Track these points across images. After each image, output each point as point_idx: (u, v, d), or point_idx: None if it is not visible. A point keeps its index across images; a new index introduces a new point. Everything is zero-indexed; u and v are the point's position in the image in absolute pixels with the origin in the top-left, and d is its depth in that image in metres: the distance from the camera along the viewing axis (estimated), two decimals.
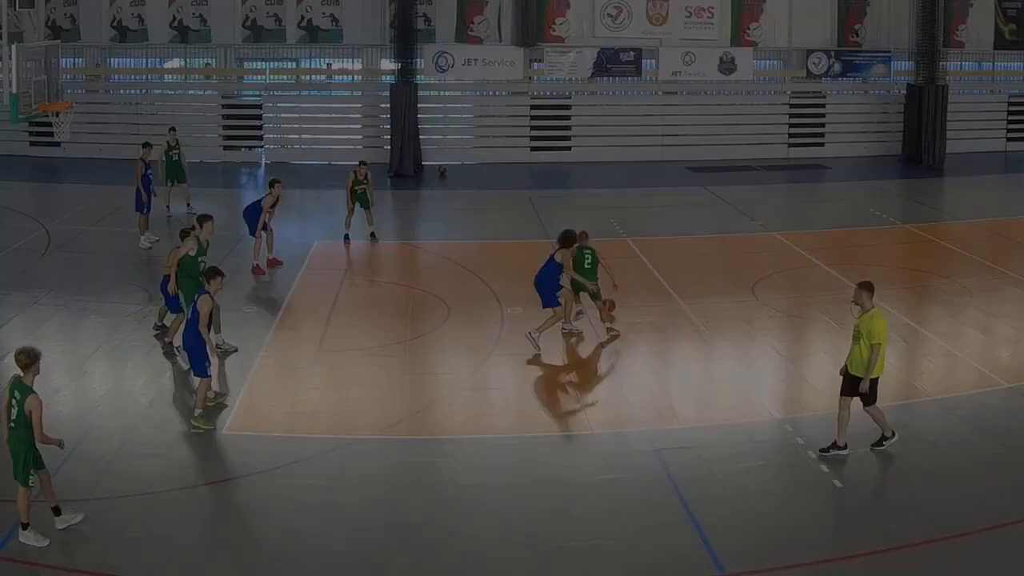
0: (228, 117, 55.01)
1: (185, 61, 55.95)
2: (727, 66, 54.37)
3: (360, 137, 55.57)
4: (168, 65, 56.14)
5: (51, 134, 38.81)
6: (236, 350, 25.72)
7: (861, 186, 48.64)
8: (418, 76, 52.26)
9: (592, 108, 55.43)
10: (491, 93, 56.31)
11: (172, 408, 22.53)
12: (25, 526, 17.03)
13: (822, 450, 20.05)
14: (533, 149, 54.68)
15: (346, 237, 36.73)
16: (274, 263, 33.18)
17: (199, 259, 24.97)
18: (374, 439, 21.46)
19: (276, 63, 55.50)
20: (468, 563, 16.83)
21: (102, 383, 24.17)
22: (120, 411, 22.46)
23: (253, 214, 32.74)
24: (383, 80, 53.76)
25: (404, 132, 51.03)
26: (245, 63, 55.86)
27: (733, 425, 21.10)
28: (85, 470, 19.48)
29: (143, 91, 55.78)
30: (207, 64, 55.49)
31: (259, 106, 55.06)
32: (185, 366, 23.94)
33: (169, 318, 26.37)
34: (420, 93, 52.33)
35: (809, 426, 21.55)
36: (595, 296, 26.84)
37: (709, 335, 27.39)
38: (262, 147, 54.87)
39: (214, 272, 22.54)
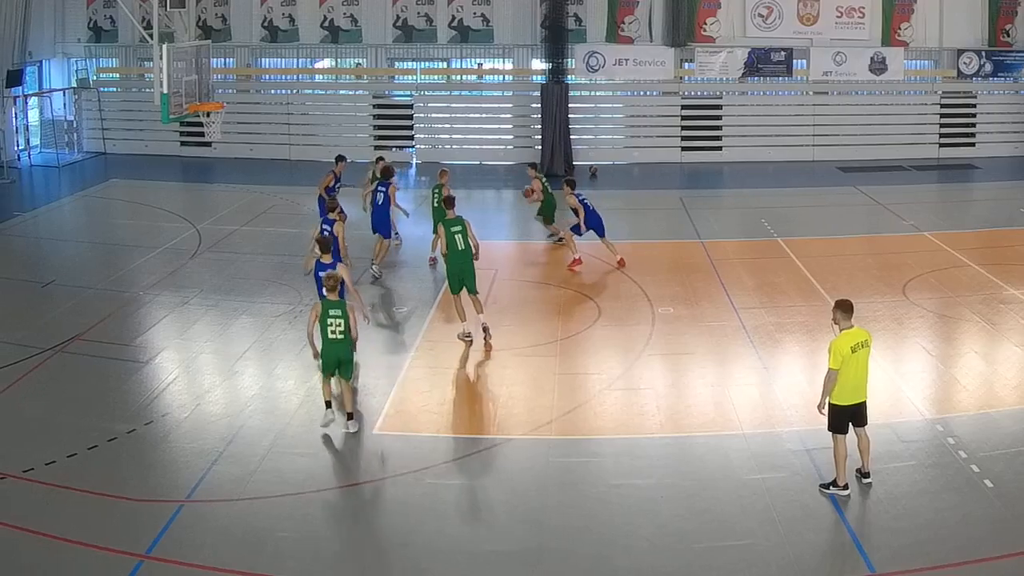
0: (379, 117, 55.56)
1: (336, 61, 56.96)
2: (878, 66, 53.82)
3: (511, 137, 55.93)
4: (319, 65, 57.05)
5: (202, 134, 39.49)
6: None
7: (1012, 186, 47.75)
8: (569, 76, 52.52)
9: (742, 108, 55.13)
10: (642, 93, 56.22)
11: (323, 408, 22.64)
12: (350, 416, 21.57)
13: (822, 486, 19.07)
14: (684, 149, 54.55)
15: None
16: (576, 263, 33.72)
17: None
18: (524, 439, 21.60)
19: (427, 63, 55.91)
20: (619, 564, 16.93)
21: (252, 383, 24.54)
22: (270, 411, 22.82)
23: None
24: (534, 80, 54.07)
25: (555, 132, 51.40)
26: (396, 63, 56.41)
27: (883, 425, 20.80)
28: (236, 469, 19.94)
29: (294, 91, 56.48)
30: (358, 64, 56.30)
31: (410, 106, 55.65)
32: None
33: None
34: (571, 93, 52.59)
35: (960, 426, 21.41)
36: None
37: None
38: (412, 147, 55.41)
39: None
